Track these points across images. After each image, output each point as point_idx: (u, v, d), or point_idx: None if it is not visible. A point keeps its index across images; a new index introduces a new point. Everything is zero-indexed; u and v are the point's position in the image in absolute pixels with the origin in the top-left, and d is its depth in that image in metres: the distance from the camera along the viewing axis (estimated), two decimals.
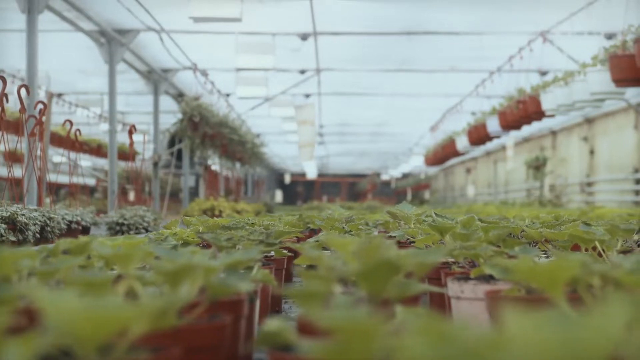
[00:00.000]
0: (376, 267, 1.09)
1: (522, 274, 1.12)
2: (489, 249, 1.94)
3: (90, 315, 0.80)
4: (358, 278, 1.11)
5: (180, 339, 1.18)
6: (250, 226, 3.22)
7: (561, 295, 1.10)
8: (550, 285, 1.10)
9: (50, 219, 4.59)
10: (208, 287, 1.27)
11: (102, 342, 0.88)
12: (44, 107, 5.29)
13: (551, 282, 1.10)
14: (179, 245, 2.72)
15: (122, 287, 1.29)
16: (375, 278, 1.09)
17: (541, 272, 1.10)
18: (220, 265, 1.30)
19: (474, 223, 2.50)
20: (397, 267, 1.10)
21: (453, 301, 1.93)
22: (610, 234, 2.14)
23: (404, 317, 0.69)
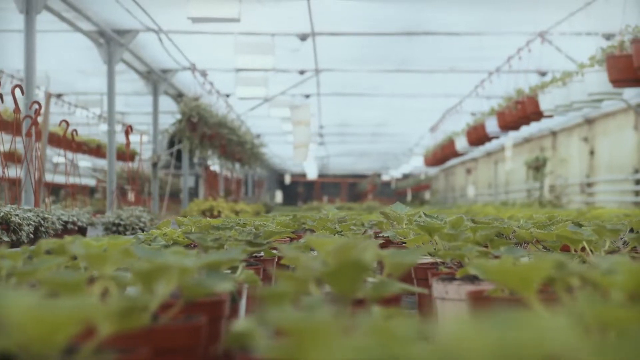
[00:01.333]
0: (343, 267, 1.08)
1: (494, 274, 1.12)
2: (474, 250, 1.93)
3: (41, 315, 0.79)
4: (326, 278, 1.10)
5: (152, 340, 1.18)
6: (241, 226, 3.21)
7: (534, 296, 1.09)
8: (523, 286, 1.09)
9: (45, 219, 4.59)
10: (183, 288, 1.26)
11: (63, 343, 0.87)
12: (39, 107, 5.29)
13: (523, 283, 1.09)
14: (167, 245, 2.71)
15: (97, 288, 1.29)
16: (342, 278, 1.09)
17: (513, 273, 1.09)
18: (196, 265, 1.29)
19: (463, 223, 2.49)
20: (365, 268, 1.09)
21: (438, 302, 1.92)
22: (598, 234, 2.13)
23: (361, 319, 0.68)
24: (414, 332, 0.62)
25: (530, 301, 1.10)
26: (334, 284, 1.10)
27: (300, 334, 0.64)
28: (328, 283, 1.11)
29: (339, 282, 1.09)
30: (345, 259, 1.09)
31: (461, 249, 1.94)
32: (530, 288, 1.10)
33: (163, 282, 1.23)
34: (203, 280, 1.28)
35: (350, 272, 1.08)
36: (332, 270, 1.09)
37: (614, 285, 1.06)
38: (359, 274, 1.09)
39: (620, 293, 1.05)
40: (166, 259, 1.30)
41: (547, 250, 2.75)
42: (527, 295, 1.10)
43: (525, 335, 0.58)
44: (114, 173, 10.89)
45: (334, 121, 20.79)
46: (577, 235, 2.16)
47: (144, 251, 1.56)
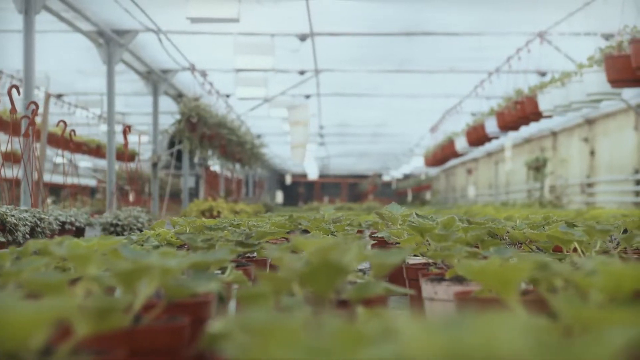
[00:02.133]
0: (319, 268, 1.08)
1: (475, 275, 1.11)
2: (463, 250, 1.93)
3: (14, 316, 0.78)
4: (302, 279, 1.10)
5: (133, 341, 1.17)
6: (235, 227, 3.21)
7: (513, 296, 1.09)
8: (503, 287, 1.09)
9: (41, 219, 4.59)
10: (165, 289, 1.26)
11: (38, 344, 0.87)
12: (36, 108, 5.29)
13: (503, 284, 1.09)
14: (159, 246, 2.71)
15: (80, 289, 1.28)
16: (318, 279, 1.08)
17: (493, 274, 1.09)
18: (179, 266, 1.29)
19: (455, 224, 2.49)
20: (341, 269, 1.09)
21: (427, 302, 1.91)
22: (588, 235, 2.12)
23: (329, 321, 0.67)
24: (375, 333, 0.62)
25: (510, 302, 1.09)
26: (310, 285, 1.10)
27: (261, 335, 0.64)
28: (305, 284, 1.11)
29: (315, 283, 1.09)
30: (322, 260, 1.09)
31: (450, 250, 1.93)
32: (510, 289, 1.09)
33: (144, 282, 1.23)
34: (185, 281, 1.28)
35: (326, 274, 1.07)
36: (307, 272, 1.09)
37: (593, 287, 1.06)
38: (335, 275, 1.08)
39: (599, 294, 1.05)
40: (148, 259, 1.30)
41: (540, 250, 2.75)
42: (507, 296, 1.10)
43: (475, 339, 0.58)
44: (113, 173, 10.89)
45: (334, 121, 20.79)
46: (568, 236, 2.16)
47: (130, 252, 1.56)
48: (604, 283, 1.04)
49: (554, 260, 1.34)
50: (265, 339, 0.63)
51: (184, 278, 1.54)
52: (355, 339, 0.60)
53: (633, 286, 1.03)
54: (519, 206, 13.73)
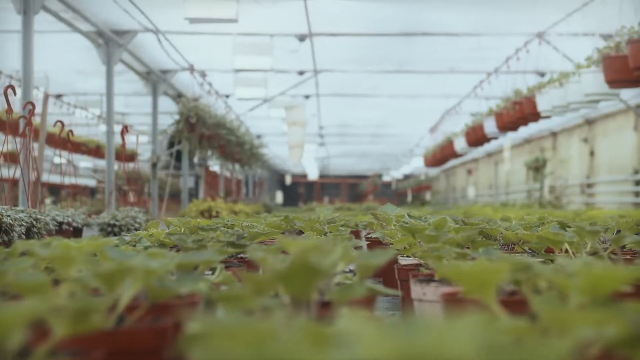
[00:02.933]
0: (295, 270, 1.08)
1: (454, 277, 1.11)
2: (451, 251, 1.93)
3: None
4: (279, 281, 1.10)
5: (115, 342, 1.17)
6: (229, 227, 3.20)
7: (492, 298, 1.09)
8: (481, 288, 1.09)
9: (37, 220, 4.59)
10: (148, 290, 1.26)
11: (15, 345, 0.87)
12: (33, 108, 5.29)
13: (481, 286, 1.09)
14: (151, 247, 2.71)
15: (63, 290, 1.28)
16: (296, 281, 1.08)
17: (471, 276, 1.09)
18: (162, 267, 1.29)
19: (446, 225, 2.49)
20: (319, 271, 1.09)
21: (416, 303, 1.91)
22: (579, 236, 2.12)
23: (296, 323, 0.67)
24: (335, 336, 0.62)
25: (489, 303, 1.09)
26: (288, 287, 1.10)
27: (221, 338, 0.64)
28: (281, 286, 1.11)
29: (292, 285, 1.09)
30: (299, 262, 1.09)
31: (439, 251, 1.93)
32: (489, 291, 1.09)
33: (127, 284, 1.23)
34: (168, 282, 1.28)
35: (304, 275, 1.07)
36: (284, 273, 1.09)
37: (572, 288, 1.06)
38: (313, 276, 1.08)
39: (579, 295, 1.05)
40: (131, 261, 1.30)
41: (532, 252, 2.74)
42: (486, 298, 1.10)
43: (427, 343, 0.58)
44: (112, 174, 10.89)
45: (334, 122, 20.79)
46: (558, 237, 2.16)
47: (117, 253, 1.56)
48: (583, 285, 1.04)
49: (537, 262, 1.33)
50: (223, 341, 0.63)
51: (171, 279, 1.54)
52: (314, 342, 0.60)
53: (611, 287, 1.03)
54: (518, 207, 13.72)
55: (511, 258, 1.37)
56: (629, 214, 6.28)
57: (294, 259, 1.10)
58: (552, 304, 0.94)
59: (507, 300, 1.35)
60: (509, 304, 1.26)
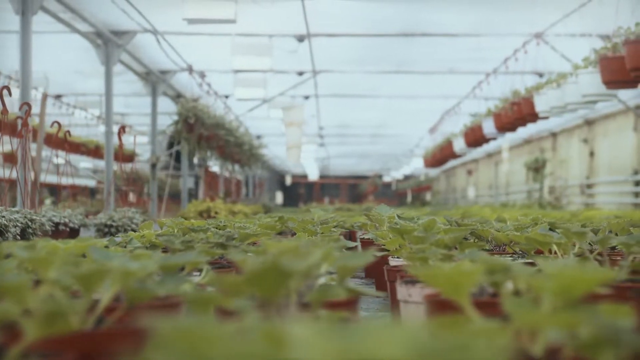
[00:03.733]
0: (265, 272, 1.08)
1: (427, 279, 1.12)
2: (437, 252, 1.93)
3: None
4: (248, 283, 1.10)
5: (91, 344, 1.18)
6: (221, 228, 3.21)
7: (466, 300, 1.09)
8: (454, 290, 1.09)
9: (32, 220, 4.59)
10: (126, 292, 1.27)
11: None
12: (29, 108, 5.30)
13: (454, 288, 1.09)
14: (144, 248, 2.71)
15: (42, 292, 1.29)
16: (265, 283, 1.08)
17: (443, 278, 1.09)
18: (141, 269, 1.29)
19: (435, 226, 2.49)
20: (288, 273, 1.09)
21: (402, 305, 1.91)
22: (566, 237, 2.12)
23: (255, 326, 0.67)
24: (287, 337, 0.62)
25: (463, 305, 1.10)
26: (256, 289, 1.10)
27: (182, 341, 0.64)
28: (251, 287, 1.11)
29: (262, 287, 1.09)
30: (269, 264, 1.09)
31: (425, 252, 1.93)
32: (462, 293, 1.09)
33: (106, 285, 1.23)
34: (147, 284, 1.28)
35: (274, 277, 1.08)
36: (254, 275, 1.09)
37: (545, 290, 1.06)
38: (282, 279, 1.09)
39: (552, 298, 1.05)
40: (110, 262, 1.30)
41: (522, 253, 2.75)
42: (460, 299, 1.10)
43: (363, 348, 0.58)
44: (111, 174, 10.89)
45: (334, 122, 20.79)
46: (546, 238, 2.16)
47: (100, 254, 1.56)
48: (555, 287, 1.04)
49: (518, 264, 1.34)
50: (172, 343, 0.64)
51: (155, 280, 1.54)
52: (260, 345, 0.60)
53: (582, 290, 1.04)
54: (518, 207, 13.72)
55: (491, 260, 1.37)
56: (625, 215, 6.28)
57: (265, 261, 1.10)
58: (523, 306, 0.94)
59: (485, 302, 1.35)
60: (487, 305, 1.26)
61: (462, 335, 0.65)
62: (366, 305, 3.38)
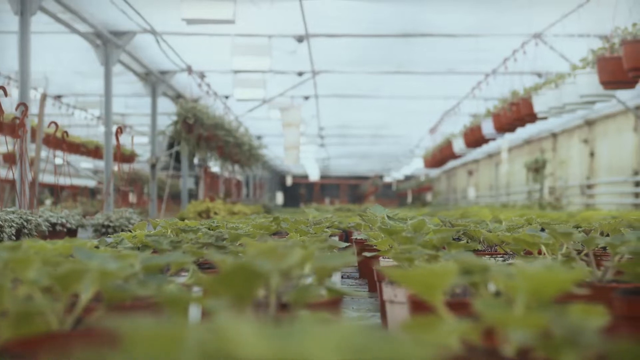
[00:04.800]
0: (234, 273, 1.08)
1: (400, 280, 1.12)
2: (423, 253, 1.93)
3: None
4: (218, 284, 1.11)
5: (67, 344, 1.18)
6: (214, 229, 3.21)
7: (439, 300, 1.10)
8: (427, 291, 1.09)
9: (28, 221, 4.59)
10: (104, 292, 1.27)
11: None
12: (25, 109, 5.30)
13: (427, 289, 1.09)
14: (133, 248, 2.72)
15: (20, 292, 1.29)
16: (235, 284, 1.09)
17: (416, 279, 1.09)
18: (119, 269, 1.30)
19: (425, 227, 2.50)
20: (256, 274, 1.09)
21: (387, 305, 1.92)
22: (554, 237, 2.12)
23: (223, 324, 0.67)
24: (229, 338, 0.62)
25: (436, 306, 1.10)
26: (227, 290, 1.10)
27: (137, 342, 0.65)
28: (220, 289, 1.11)
29: (231, 288, 1.09)
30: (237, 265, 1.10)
31: (410, 252, 1.94)
32: (435, 293, 1.10)
33: (85, 285, 1.23)
34: (129, 283, 1.28)
35: (242, 278, 1.08)
36: (223, 276, 1.09)
37: (517, 291, 1.06)
38: (251, 280, 1.09)
39: (524, 298, 1.05)
40: (89, 262, 1.31)
41: (513, 253, 2.75)
42: (433, 300, 1.10)
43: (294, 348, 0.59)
44: (110, 174, 10.89)
45: (334, 123, 20.79)
46: (534, 239, 2.16)
47: (84, 254, 1.56)
48: (527, 287, 1.04)
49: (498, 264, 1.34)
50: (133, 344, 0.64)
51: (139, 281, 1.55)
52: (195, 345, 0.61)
53: (553, 290, 1.04)
54: (518, 208, 13.72)
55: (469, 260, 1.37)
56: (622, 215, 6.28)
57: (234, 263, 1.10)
58: (493, 306, 0.95)
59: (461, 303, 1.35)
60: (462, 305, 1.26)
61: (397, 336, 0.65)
62: (357, 305, 3.38)
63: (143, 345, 0.64)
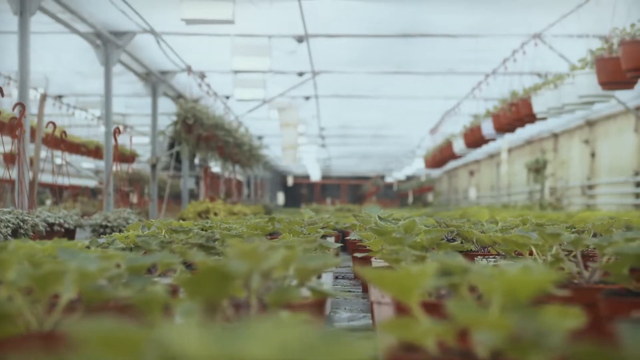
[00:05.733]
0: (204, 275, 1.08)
1: (376, 281, 1.12)
2: (410, 254, 1.93)
3: None
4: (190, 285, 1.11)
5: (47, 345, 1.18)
6: (207, 229, 3.21)
7: (415, 302, 1.10)
8: (402, 293, 1.09)
9: (24, 221, 4.60)
10: (82, 293, 1.27)
11: None
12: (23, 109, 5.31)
13: (402, 290, 1.09)
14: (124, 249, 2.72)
15: (2, 293, 1.29)
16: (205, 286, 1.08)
17: (391, 281, 1.09)
18: (99, 270, 1.30)
19: (416, 227, 2.49)
20: (228, 275, 1.09)
21: (375, 306, 1.92)
22: (542, 238, 2.12)
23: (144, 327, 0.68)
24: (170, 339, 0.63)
25: (412, 307, 1.10)
26: (198, 291, 1.10)
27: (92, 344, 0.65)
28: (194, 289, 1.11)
29: (202, 290, 1.09)
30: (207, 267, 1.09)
31: (398, 253, 1.94)
32: (410, 295, 1.10)
33: (62, 287, 1.23)
34: (104, 285, 1.28)
35: (213, 280, 1.08)
36: (194, 279, 1.09)
37: (492, 292, 1.06)
38: (222, 282, 1.09)
39: (500, 299, 1.05)
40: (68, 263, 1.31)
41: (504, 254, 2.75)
42: (408, 302, 1.10)
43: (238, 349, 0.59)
44: (110, 174, 10.90)
45: (335, 123, 20.79)
46: (523, 240, 2.16)
47: (68, 255, 1.56)
48: (501, 288, 1.04)
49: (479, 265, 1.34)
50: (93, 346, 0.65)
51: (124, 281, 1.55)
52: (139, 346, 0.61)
53: (529, 291, 1.04)
54: (519, 208, 13.71)
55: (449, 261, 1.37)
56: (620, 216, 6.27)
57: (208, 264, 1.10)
58: (466, 308, 0.95)
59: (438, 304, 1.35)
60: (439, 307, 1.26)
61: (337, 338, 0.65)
62: (350, 306, 3.38)
63: (95, 348, 0.64)
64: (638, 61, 6.13)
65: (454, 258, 1.89)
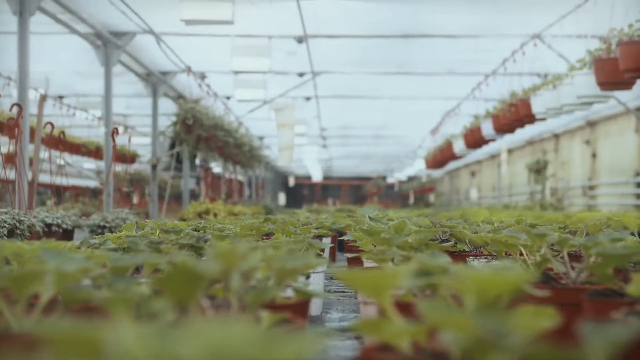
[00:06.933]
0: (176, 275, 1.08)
1: (349, 282, 1.12)
2: (397, 254, 1.93)
3: None
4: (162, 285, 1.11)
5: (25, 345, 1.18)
6: (200, 230, 3.21)
7: (388, 302, 1.10)
8: (375, 292, 1.09)
9: (20, 221, 4.60)
10: (61, 293, 1.27)
11: None
12: (20, 109, 5.31)
13: (375, 290, 1.09)
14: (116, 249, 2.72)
15: None
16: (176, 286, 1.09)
17: (364, 281, 1.09)
18: (77, 270, 1.30)
19: (406, 228, 2.50)
20: (196, 275, 1.10)
21: (361, 306, 1.92)
22: (531, 239, 2.12)
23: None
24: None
25: (385, 307, 1.10)
26: (170, 291, 1.10)
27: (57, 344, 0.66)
28: (166, 289, 1.11)
29: (174, 290, 1.09)
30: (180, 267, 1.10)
31: (384, 253, 1.94)
32: (384, 295, 1.10)
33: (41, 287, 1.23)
34: (83, 286, 1.29)
35: (185, 280, 1.08)
36: (165, 278, 1.09)
37: (465, 292, 1.06)
38: (193, 282, 1.09)
39: (472, 299, 1.06)
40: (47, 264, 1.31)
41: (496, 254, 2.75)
42: (381, 302, 1.10)
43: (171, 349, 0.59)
44: (110, 175, 10.91)
45: (336, 123, 20.79)
46: (512, 240, 2.16)
47: (51, 255, 1.56)
48: (474, 288, 1.05)
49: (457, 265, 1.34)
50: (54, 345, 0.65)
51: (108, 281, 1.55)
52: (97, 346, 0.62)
53: (496, 292, 1.04)
54: (519, 208, 13.71)
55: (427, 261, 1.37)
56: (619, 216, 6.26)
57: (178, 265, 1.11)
58: (436, 308, 0.95)
59: (400, 304, 1.36)
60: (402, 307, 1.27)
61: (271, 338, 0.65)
62: (342, 306, 3.38)
63: (54, 348, 0.64)
64: (636, 61, 6.13)
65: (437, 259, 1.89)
